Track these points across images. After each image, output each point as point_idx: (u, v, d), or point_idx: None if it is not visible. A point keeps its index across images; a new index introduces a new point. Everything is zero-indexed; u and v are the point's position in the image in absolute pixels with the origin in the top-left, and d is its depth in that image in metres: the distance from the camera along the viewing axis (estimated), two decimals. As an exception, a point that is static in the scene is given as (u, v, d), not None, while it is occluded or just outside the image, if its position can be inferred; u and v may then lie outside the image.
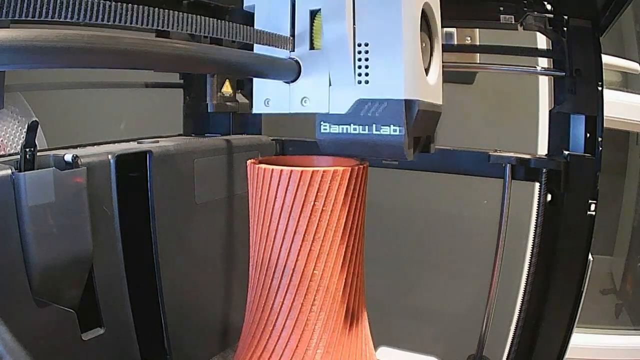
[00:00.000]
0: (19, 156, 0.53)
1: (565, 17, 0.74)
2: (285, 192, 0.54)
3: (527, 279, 0.77)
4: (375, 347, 0.66)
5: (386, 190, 1.19)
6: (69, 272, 0.58)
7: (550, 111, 0.79)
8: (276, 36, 0.50)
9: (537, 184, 0.76)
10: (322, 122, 0.53)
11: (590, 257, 0.74)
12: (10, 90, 0.79)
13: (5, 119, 0.84)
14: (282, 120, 0.68)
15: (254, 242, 0.58)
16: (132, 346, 0.67)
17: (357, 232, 0.57)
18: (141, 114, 1.34)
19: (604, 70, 0.74)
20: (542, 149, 1.20)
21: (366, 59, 0.50)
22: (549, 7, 0.75)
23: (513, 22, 0.77)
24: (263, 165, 0.55)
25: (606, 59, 0.77)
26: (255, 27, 0.53)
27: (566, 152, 0.74)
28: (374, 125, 0.50)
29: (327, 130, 0.53)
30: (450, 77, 0.58)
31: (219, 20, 0.40)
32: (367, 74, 0.50)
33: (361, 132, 0.51)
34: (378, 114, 0.50)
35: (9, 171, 0.52)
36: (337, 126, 0.52)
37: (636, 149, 1.84)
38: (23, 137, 0.53)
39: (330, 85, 0.52)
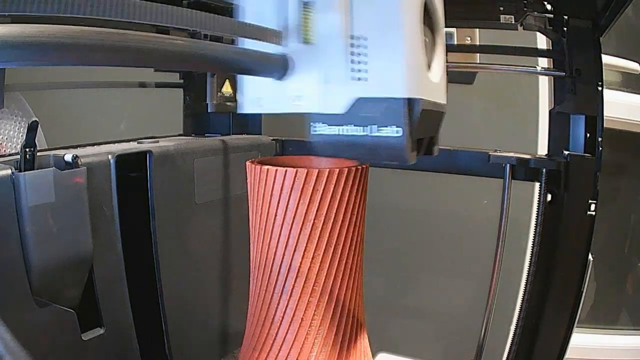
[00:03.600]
0: (19, 156, 0.53)
1: (565, 17, 0.74)
2: (285, 192, 0.54)
3: (527, 279, 0.77)
4: (374, 353, 0.66)
5: (386, 190, 1.19)
6: (69, 272, 0.58)
7: (550, 111, 0.79)
8: (262, 29, 0.46)
9: (537, 184, 0.76)
10: (314, 123, 0.49)
11: (590, 257, 0.74)
12: (10, 90, 0.79)
13: (5, 119, 0.84)
14: (281, 120, 0.68)
15: (254, 242, 0.58)
16: (132, 346, 0.67)
17: (357, 230, 0.57)
18: (141, 114, 1.34)
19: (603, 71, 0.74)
20: (542, 149, 1.20)
21: (364, 54, 0.46)
22: (549, 7, 0.75)
23: (513, 22, 0.77)
24: (262, 166, 0.55)
25: (606, 59, 0.77)
26: (244, 20, 0.49)
27: (566, 152, 0.74)
28: (372, 127, 0.46)
29: (321, 132, 0.49)
30: (450, 77, 0.57)
31: (196, 12, 0.37)
32: (365, 71, 0.46)
33: (359, 133, 0.47)
34: (377, 114, 0.46)
35: (9, 171, 0.52)
36: (332, 127, 0.48)
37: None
38: (23, 137, 0.53)
39: (324, 82, 0.48)
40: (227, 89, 0.88)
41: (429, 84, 0.50)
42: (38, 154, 0.55)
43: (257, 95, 0.51)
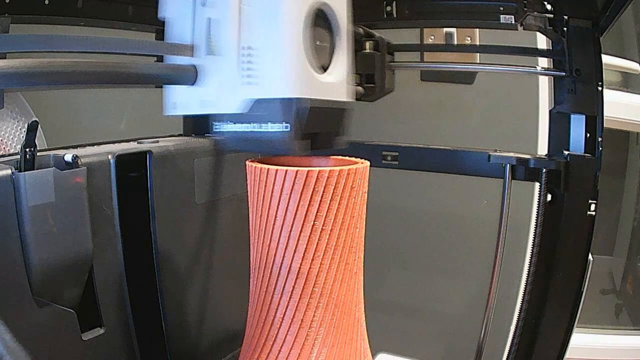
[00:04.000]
0: (19, 156, 0.53)
1: (565, 17, 0.74)
2: (286, 193, 0.54)
3: (527, 279, 0.77)
4: (374, 353, 0.66)
5: (386, 190, 1.19)
6: (69, 272, 0.58)
7: (550, 111, 0.79)
8: (174, 45, 0.56)
9: (537, 184, 0.76)
10: (214, 122, 0.57)
11: (590, 257, 0.74)
12: (10, 90, 0.79)
13: (5, 119, 0.84)
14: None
15: (254, 243, 0.59)
16: (132, 346, 0.67)
17: (357, 231, 0.57)
18: (141, 114, 1.34)
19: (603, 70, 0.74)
20: (542, 149, 1.20)
21: (254, 61, 0.53)
22: (549, 7, 0.75)
23: (513, 22, 0.77)
24: (262, 165, 0.55)
25: (606, 59, 0.77)
26: (166, 35, 0.58)
27: (566, 152, 0.74)
28: (265, 124, 0.53)
29: (222, 129, 0.57)
30: (450, 77, 0.58)
31: (118, 38, 0.47)
32: (256, 76, 0.53)
33: (253, 130, 0.54)
34: (268, 112, 0.53)
35: (9, 171, 0.52)
36: (231, 124, 0.56)
37: (636, 149, 1.84)
38: (23, 137, 0.53)
39: (225, 87, 0.55)
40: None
41: (320, 85, 0.56)
42: (38, 154, 0.55)
43: (173, 100, 0.60)
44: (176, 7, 0.58)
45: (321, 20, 0.56)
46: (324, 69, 0.57)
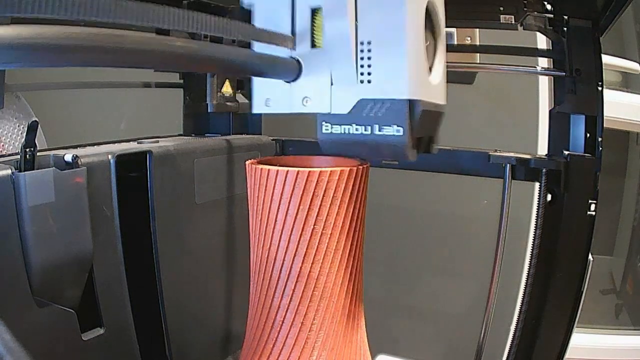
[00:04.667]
0: (19, 156, 0.53)
1: (565, 17, 0.74)
2: (285, 193, 0.54)
3: (527, 279, 0.77)
4: (374, 354, 0.66)
5: (386, 190, 1.19)
6: (69, 272, 0.58)
7: (550, 111, 0.79)
8: (276, 34, 0.49)
9: (537, 184, 0.76)
10: (323, 122, 0.52)
11: (590, 257, 0.74)
12: (10, 90, 0.79)
13: (5, 119, 0.84)
14: (282, 120, 0.68)
15: (254, 243, 0.58)
16: (132, 346, 0.67)
17: (358, 233, 0.57)
18: (141, 114, 1.34)
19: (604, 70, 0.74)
20: (542, 149, 1.20)
21: (369, 58, 0.49)
22: (549, 7, 0.75)
23: (513, 22, 0.77)
24: (262, 166, 0.55)
25: (606, 59, 0.77)
26: (253, 19, 0.52)
27: (566, 152, 0.74)
28: (376, 126, 0.49)
29: (329, 131, 0.52)
30: (450, 77, 0.58)
31: (218, 17, 0.39)
32: (369, 73, 0.49)
33: (363, 132, 0.50)
34: (380, 114, 0.49)
35: (9, 171, 0.52)
36: (338, 126, 0.51)
37: (636, 149, 1.84)
38: (23, 137, 0.53)
39: (332, 84, 0.50)
40: (227, 89, 0.88)
41: (430, 86, 0.52)
42: (38, 154, 0.55)
43: (266, 96, 0.54)
44: None
45: (426, 18, 0.52)
46: (431, 70, 0.53)
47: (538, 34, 0.84)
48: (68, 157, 0.57)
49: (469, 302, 1.29)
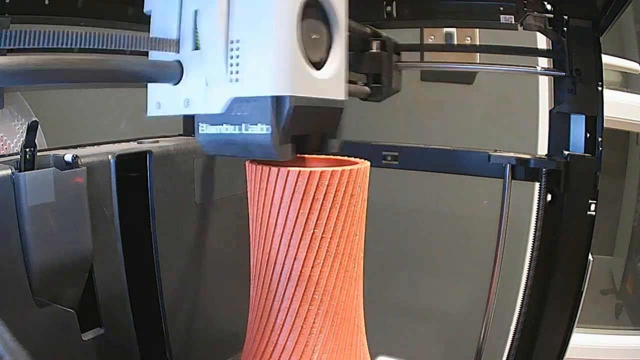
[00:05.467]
0: (19, 156, 0.53)
1: (565, 17, 0.74)
2: (285, 193, 0.54)
3: (527, 279, 0.77)
4: (374, 355, 0.66)
5: (386, 190, 1.19)
6: (69, 272, 0.58)
7: (550, 111, 0.79)
8: (158, 40, 0.50)
9: (537, 184, 0.76)
10: (200, 123, 0.52)
11: (590, 257, 0.74)
12: (10, 90, 0.79)
13: (5, 119, 0.84)
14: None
15: (254, 247, 0.58)
16: (132, 346, 0.67)
17: (358, 232, 0.57)
18: (141, 114, 1.33)
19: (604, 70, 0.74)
20: (542, 149, 1.20)
21: (237, 56, 0.48)
22: (549, 7, 0.75)
23: (513, 22, 0.77)
24: (262, 165, 0.55)
25: (606, 59, 0.77)
26: (151, 30, 0.53)
27: (566, 152, 0.74)
28: (243, 125, 0.49)
29: (205, 131, 0.52)
30: (450, 77, 0.58)
31: (103, 32, 0.43)
32: (237, 72, 0.48)
33: (233, 132, 0.50)
34: (247, 113, 0.48)
35: (9, 171, 0.52)
36: (213, 126, 0.51)
37: (636, 148, 1.84)
38: (23, 137, 0.53)
39: (206, 85, 0.50)
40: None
41: (311, 81, 0.51)
42: (38, 154, 0.55)
43: (157, 99, 0.55)
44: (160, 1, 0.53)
45: (317, 11, 0.51)
46: (321, 64, 0.52)
47: (538, 34, 0.84)
48: (68, 157, 0.57)
49: (469, 302, 1.29)
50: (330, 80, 0.53)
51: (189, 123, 0.93)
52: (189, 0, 0.51)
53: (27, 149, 0.53)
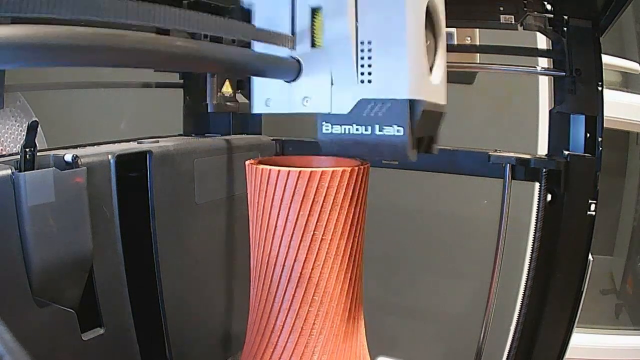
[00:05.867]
0: (19, 156, 0.53)
1: (565, 17, 0.74)
2: (285, 193, 0.54)
3: (527, 279, 0.77)
4: (374, 356, 0.66)
5: (386, 190, 1.19)
6: (69, 272, 0.58)
7: (550, 111, 0.79)
8: (277, 34, 0.49)
9: (537, 184, 0.76)
10: (324, 123, 0.51)
11: (590, 257, 0.74)
12: (10, 90, 0.79)
13: (5, 119, 0.84)
14: (281, 120, 0.68)
15: (254, 244, 0.58)
16: (132, 346, 0.67)
17: (358, 233, 0.57)
18: (141, 114, 1.34)
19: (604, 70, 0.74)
20: (542, 149, 1.20)
21: (369, 57, 0.48)
22: (549, 7, 0.75)
23: (513, 22, 0.77)
24: (262, 166, 0.55)
25: (606, 59, 0.77)
26: (255, 24, 0.52)
27: (566, 152, 0.74)
28: (376, 126, 0.49)
29: (329, 131, 0.51)
30: (450, 77, 0.57)
31: (218, 17, 0.39)
32: (370, 73, 0.49)
33: (363, 132, 0.50)
34: (381, 114, 0.49)
35: (9, 171, 0.52)
36: (338, 126, 0.51)
37: (636, 148, 1.84)
38: (23, 137, 0.53)
39: (332, 84, 0.50)
40: (227, 89, 0.88)
41: (430, 86, 0.52)
42: (38, 154, 0.55)
43: (266, 96, 0.54)
44: None
45: (427, 18, 0.51)
46: (431, 70, 0.53)
47: (538, 34, 0.84)
48: (68, 157, 0.57)
49: (469, 302, 1.29)
50: (438, 86, 0.54)
51: (189, 123, 0.93)
52: None
53: (27, 149, 0.53)
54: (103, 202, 0.62)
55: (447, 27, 0.57)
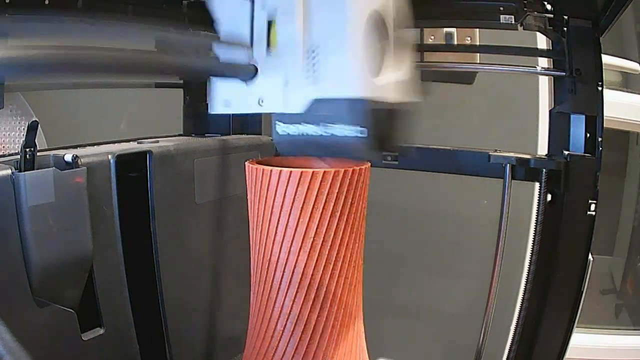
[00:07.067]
0: (19, 156, 0.53)
1: (565, 17, 0.74)
2: (285, 193, 0.54)
3: (527, 279, 0.77)
4: (373, 357, 0.66)
5: (386, 190, 1.19)
6: (69, 272, 0.58)
7: (550, 111, 0.79)
8: (234, 43, 0.54)
9: (537, 184, 0.76)
10: (278, 122, 0.54)
11: (590, 257, 0.74)
12: (10, 90, 0.79)
13: (5, 119, 0.84)
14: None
15: (254, 244, 0.59)
16: (132, 346, 0.67)
17: (358, 233, 0.57)
18: (141, 114, 1.34)
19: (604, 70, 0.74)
20: (542, 149, 1.20)
21: (318, 60, 0.52)
22: (549, 7, 0.75)
23: (513, 22, 0.77)
24: (262, 166, 0.55)
25: (606, 59, 0.76)
26: (218, 28, 0.56)
27: (566, 152, 0.74)
28: (328, 125, 0.51)
29: (285, 132, 0.54)
30: (450, 77, 0.58)
31: (176, 31, 0.44)
32: (318, 74, 0.52)
33: (318, 132, 0.52)
34: (333, 114, 0.51)
35: (9, 171, 0.52)
36: (294, 126, 0.53)
37: (636, 148, 1.84)
38: (23, 137, 0.53)
39: (285, 85, 0.53)
40: (227, 89, 0.88)
41: (379, 84, 0.54)
42: (38, 154, 0.55)
43: (224, 97, 0.57)
44: (230, 9, 0.56)
45: (379, 21, 0.55)
46: (379, 69, 0.56)
47: (538, 34, 0.84)
48: (68, 157, 0.57)
49: (469, 302, 1.29)
50: (393, 84, 0.57)
51: (189, 123, 0.93)
52: (262, 12, 0.54)
53: (27, 149, 0.53)
54: (103, 202, 0.62)
55: (447, 27, 0.58)
